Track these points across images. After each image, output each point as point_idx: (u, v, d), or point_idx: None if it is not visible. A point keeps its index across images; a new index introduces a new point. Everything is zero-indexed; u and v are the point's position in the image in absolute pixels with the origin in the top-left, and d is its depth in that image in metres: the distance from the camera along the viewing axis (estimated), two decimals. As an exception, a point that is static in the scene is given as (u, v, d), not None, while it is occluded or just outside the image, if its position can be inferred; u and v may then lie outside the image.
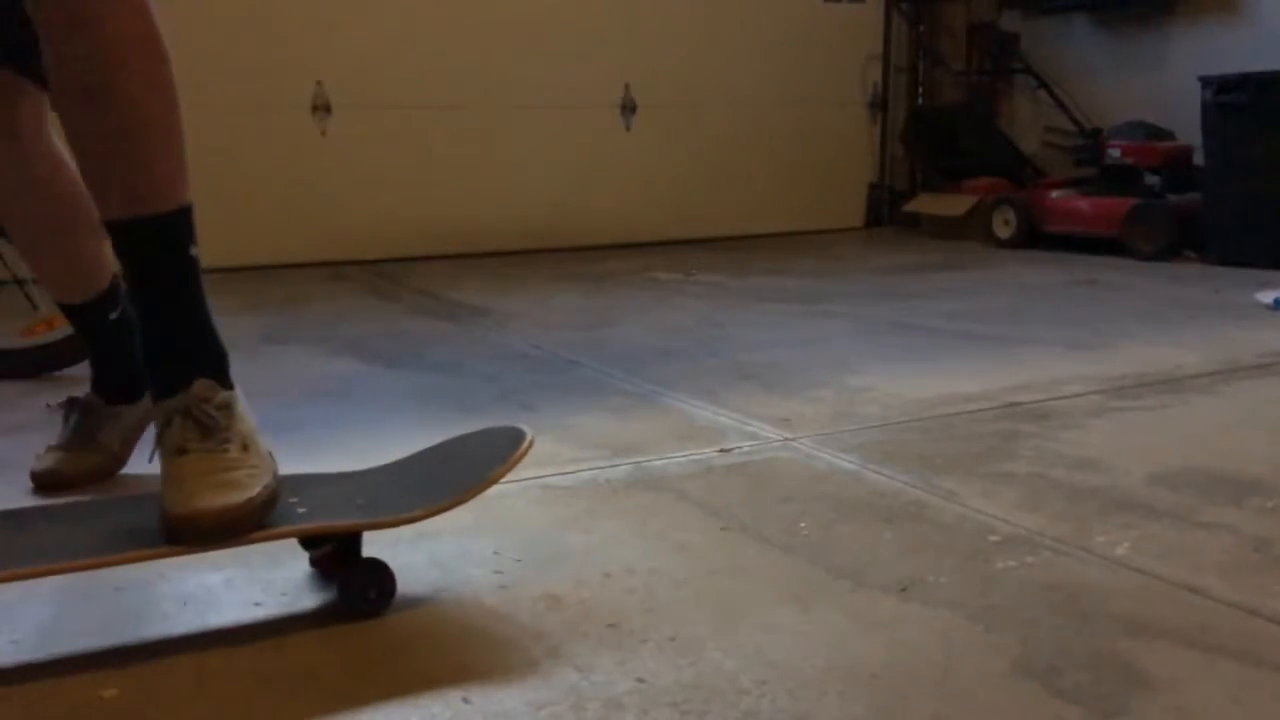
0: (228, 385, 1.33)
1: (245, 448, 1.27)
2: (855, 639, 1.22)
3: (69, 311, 1.87)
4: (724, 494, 1.71)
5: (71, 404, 1.83)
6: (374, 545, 1.49)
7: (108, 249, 1.53)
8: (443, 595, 1.34)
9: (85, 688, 1.13)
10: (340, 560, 1.31)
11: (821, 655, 1.18)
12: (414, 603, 1.32)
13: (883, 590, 1.34)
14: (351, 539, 1.30)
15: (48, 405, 1.82)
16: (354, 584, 1.28)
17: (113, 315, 1.84)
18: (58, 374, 2.56)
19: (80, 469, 1.76)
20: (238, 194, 4.31)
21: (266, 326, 3.21)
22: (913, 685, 1.12)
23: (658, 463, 1.87)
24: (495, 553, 1.47)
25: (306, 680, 1.15)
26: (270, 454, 1.31)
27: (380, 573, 1.29)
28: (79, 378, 2.52)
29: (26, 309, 2.69)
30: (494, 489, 1.73)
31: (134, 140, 1.28)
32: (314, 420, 2.18)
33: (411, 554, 1.48)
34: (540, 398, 2.32)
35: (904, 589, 1.34)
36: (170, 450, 1.25)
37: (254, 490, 1.21)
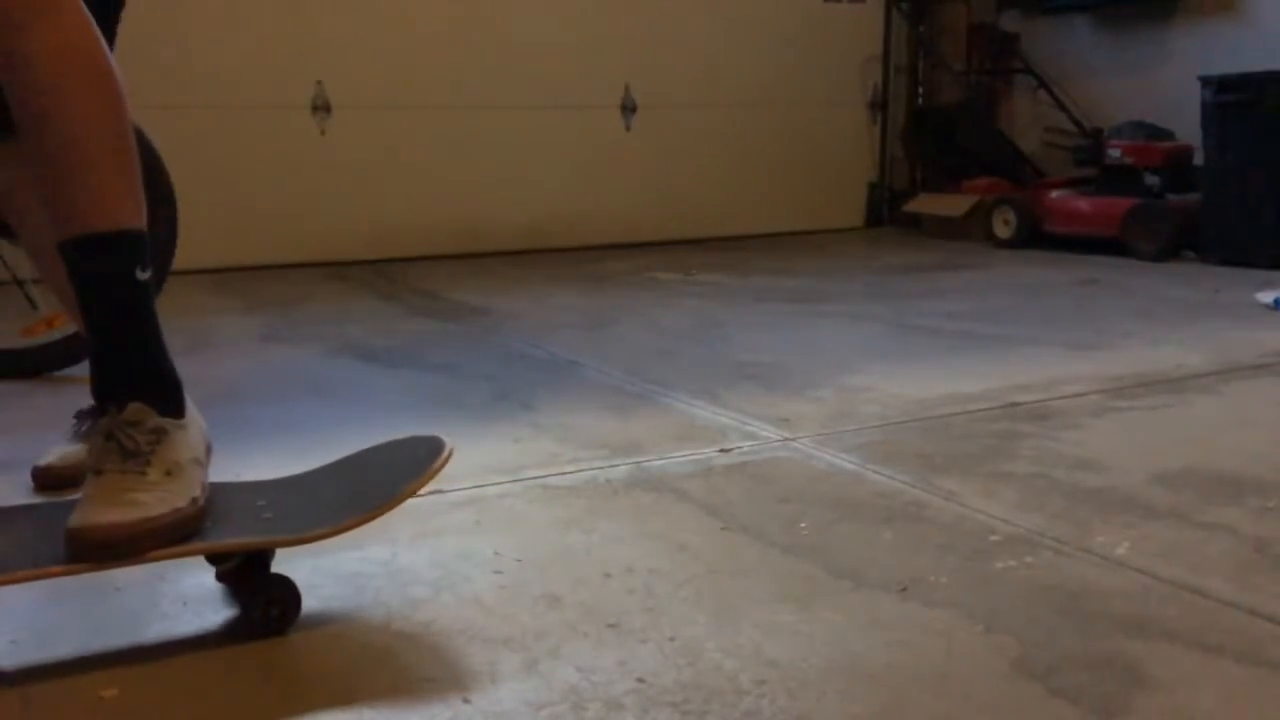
0: (171, 413, 1.31)
1: (168, 473, 1.25)
2: (855, 639, 1.22)
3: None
4: (724, 494, 1.71)
5: (92, 411, 1.83)
6: (374, 545, 1.49)
7: None
8: (443, 595, 1.34)
9: (85, 688, 1.13)
10: (246, 576, 1.27)
11: (821, 655, 1.18)
12: (414, 603, 1.32)
13: (883, 590, 1.34)
14: (258, 555, 1.27)
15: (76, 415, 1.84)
16: (255, 602, 1.25)
17: None
18: (57, 374, 2.55)
19: (81, 467, 1.76)
20: (238, 194, 4.31)
21: (266, 326, 3.21)
22: (913, 685, 1.12)
23: (658, 463, 1.87)
24: (495, 553, 1.47)
25: (307, 680, 1.15)
26: (204, 485, 1.30)
27: (283, 590, 1.25)
28: (79, 378, 2.52)
29: (26, 309, 2.69)
30: (494, 489, 1.74)
31: (74, 160, 1.27)
32: (314, 420, 2.18)
33: (411, 554, 1.48)
34: (540, 398, 2.32)
35: (904, 589, 1.34)
36: (90, 468, 1.26)
37: (154, 511, 1.19)
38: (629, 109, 5.20)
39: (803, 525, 1.57)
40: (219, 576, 1.31)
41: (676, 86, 5.25)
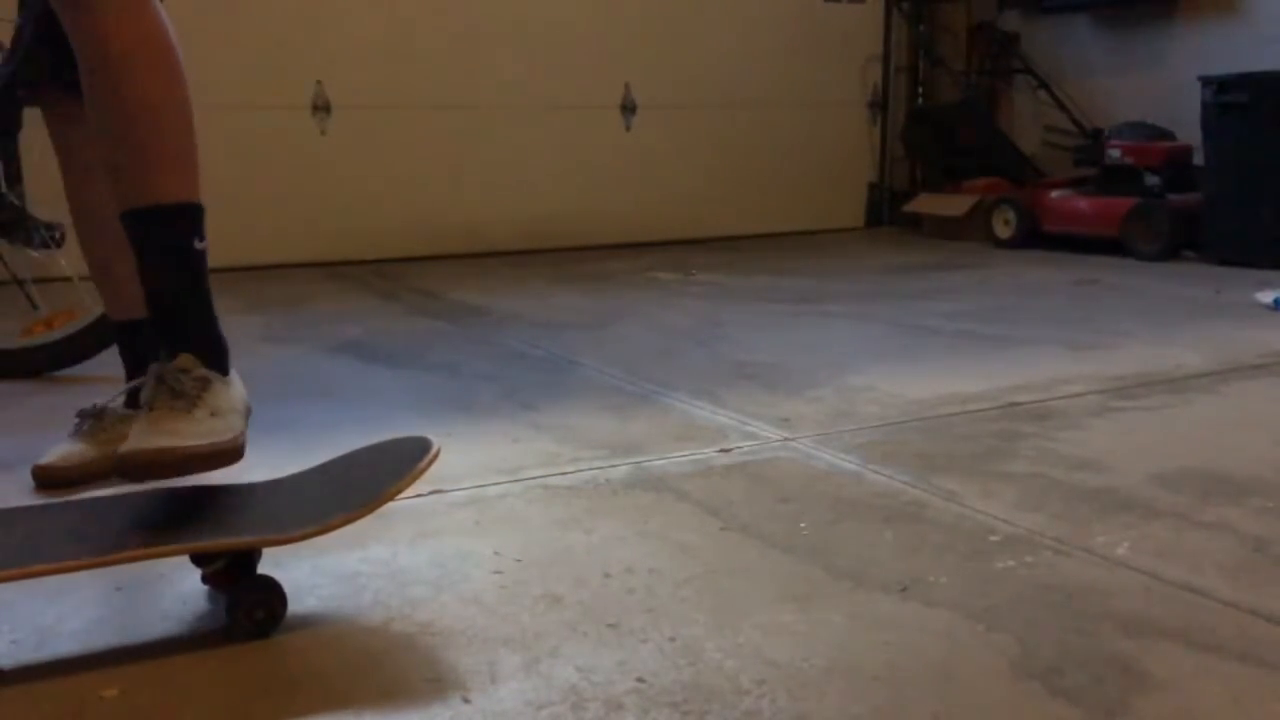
0: (217, 369, 1.43)
1: (212, 415, 1.38)
2: (855, 639, 1.22)
3: (125, 330, 1.89)
4: (724, 494, 1.71)
5: (93, 410, 1.85)
6: (374, 545, 1.50)
7: None
8: (443, 595, 1.34)
9: (85, 688, 1.13)
10: (232, 578, 1.27)
11: (821, 655, 1.18)
12: (414, 603, 1.32)
13: (883, 590, 1.34)
14: (244, 556, 1.27)
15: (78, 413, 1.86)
16: (240, 603, 1.24)
17: None
18: (57, 374, 2.56)
19: (81, 467, 1.76)
20: (238, 194, 4.31)
21: (266, 326, 3.21)
22: (913, 685, 1.12)
23: (658, 463, 1.87)
24: (495, 553, 1.47)
25: (307, 680, 1.15)
26: (244, 432, 1.41)
27: (269, 592, 1.25)
28: (79, 378, 2.52)
29: (26, 309, 2.69)
30: (494, 489, 1.74)
31: (143, 136, 1.40)
32: (314, 420, 2.18)
33: (412, 554, 1.48)
34: (540, 398, 2.32)
35: (904, 589, 1.35)
36: (143, 406, 1.39)
37: (195, 441, 1.32)
38: (629, 109, 5.19)
39: (803, 525, 1.57)
40: (205, 579, 1.31)
41: (676, 86, 5.25)
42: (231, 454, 1.36)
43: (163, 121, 1.41)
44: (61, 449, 1.79)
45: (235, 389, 1.46)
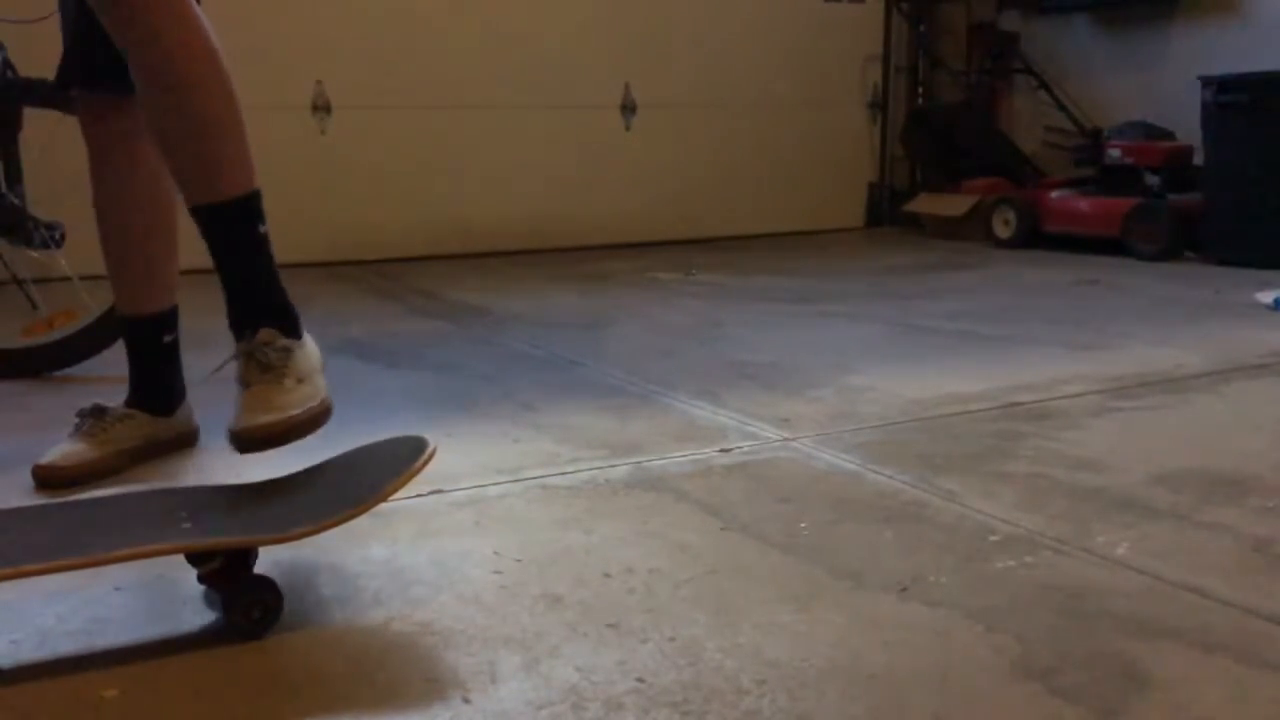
0: (293, 335, 1.61)
1: (300, 381, 1.57)
2: (855, 639, 1.22)
3: (132, 325, 1.93)
4: (724, 494, 1.71)
5: (93, 409, 1.86)
6: (374, 545, 1.50)
7: (174, 273, 1.90)
8: (443, 595, 1.34)
9: (85, 688, 1.13)
10: (228, 577, 1.27)
11: (821, 655, 1.18)
12: (414, 603, 1.32)
13: (883, 590, 1.34)
14: (240, 555, 1.27)
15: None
16: (237, 602, 1.24)
17: (167, 339, 1.94)
18: (57, 374, 2.55)
19: (81, 467, 1.77)
20: (238, 194, 4.31)
21: (266, 326, 3.20)
22: (913, 685, 1.12)
23: (658, 463, 1.87)
24: (495, 553, 1.47)
25: (307, 680, 1.15)
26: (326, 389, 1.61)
27: (265, 591, 1.25)
28: (79, 378, 2.52)
29: (26, 309, 2.69)
30: (494, 489, 1.74)
31: (209, 140, 1.56)
32: (314, 420, 2.18)
33: (412, 554, 1.48)
34: (540, 398, 2.32)
35: (904, 589, 1.34)
36: (240, 383, 1.56)
37: (294, 411, 1.52)
38: (629, 109, 5.19)
39: (803, 525, 1.57)
40: (201, 578, 1.31)
41: (676, 86, 5.25)
42: (323, 415, 1.56)
43: (224, 131, 1.57)
44: (61, 449, 1.79)
45: (311, 349, 1.63)
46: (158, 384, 1.94)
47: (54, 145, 2.59)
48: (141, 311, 1.92)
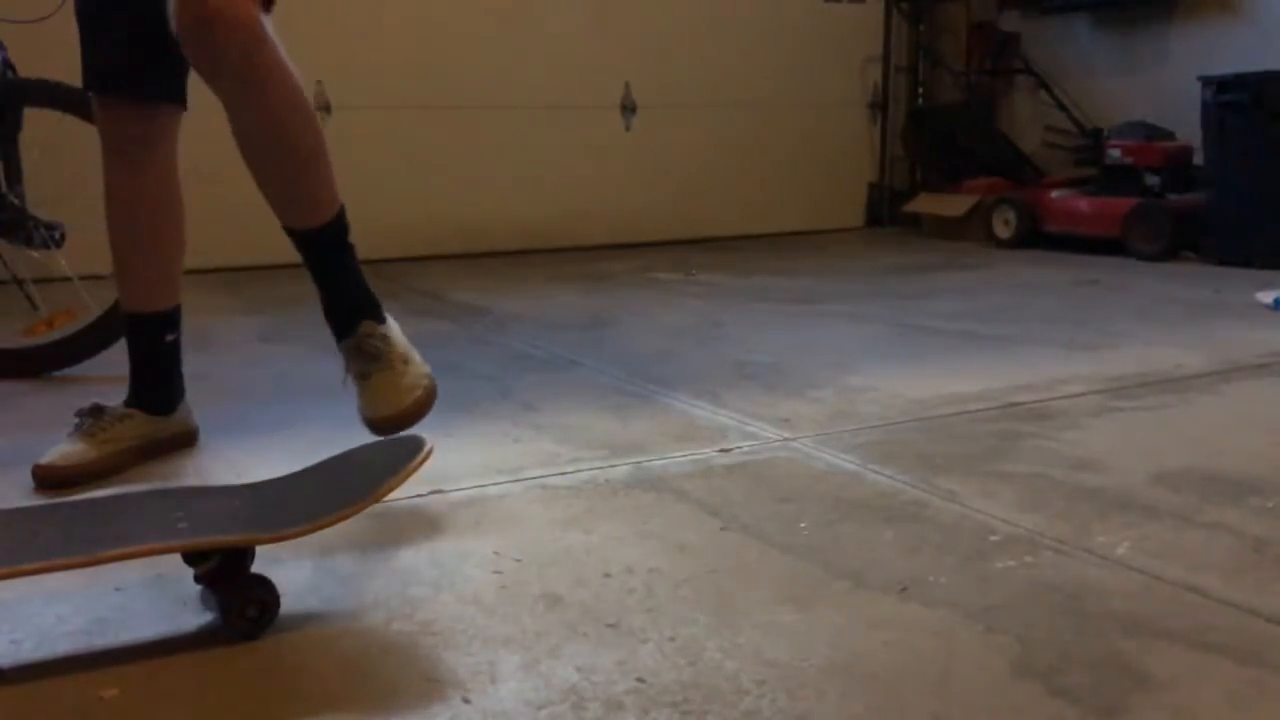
0: (382, 321, 1.77)
1: (405, 361, 1.75)
2: (855, 639, 1.22)
3: (136, 322, 1.94)
4: (724, 494, 1.71)
5: (93, 409, 1.86)
6: (374, 546, 1.50)
7: (180, 273, 1.95)
8: (443, 595, 1.34)
9: (85, 688, 1.13)
10: (224, 577, 1.27)
11: (821, 655, 1.18)
12: (415, 603, 1.32)
13: (883, 590, 1.34)
14: (237, 555, 1.27)
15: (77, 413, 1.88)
16: (233, 602, 1.24)
17: (169, 337, 1.95)
18: (57, 374, 2.55)
19: (81, 467, 1.77)
20: (238, 194, 4.29)
21: (266, 326, 3.20)
22: (913, 685, 1.12)
23: (658, 463, 1.87)
24: (495, 553, 1.47)
25: (307, 680, 1.15)
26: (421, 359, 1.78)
27: (262, 590, 1.25)
28: (79, 378, 2.52)
29: (26, 309, 2.69)
30: (494, 489, 1.74)
31: (302, 175, 1.72)
32: (314, 420, 2.18)
33: (412, 554, 1.48)
34: (540, 398, 2.32)
35: (904, 589, 1.34)
36: (357, 376, 1.75)
37: (418, 390, 1.73)
38: (629, 109, 5.19)
39: (803, 525, 1.57)
40: (198, 578, 1.31)
41: (676, 86, 5.25)
42: (435, 387, 1.75)
43: (318, 163, 1.73)
44: (61, 449, 1.79)
45: (394, 326, 1.79)
46: (158, 383, 1.94)
47: (54, 145, 2.59)
48: (145, 309, 1.93)
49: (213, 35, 1.60)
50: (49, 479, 1.75)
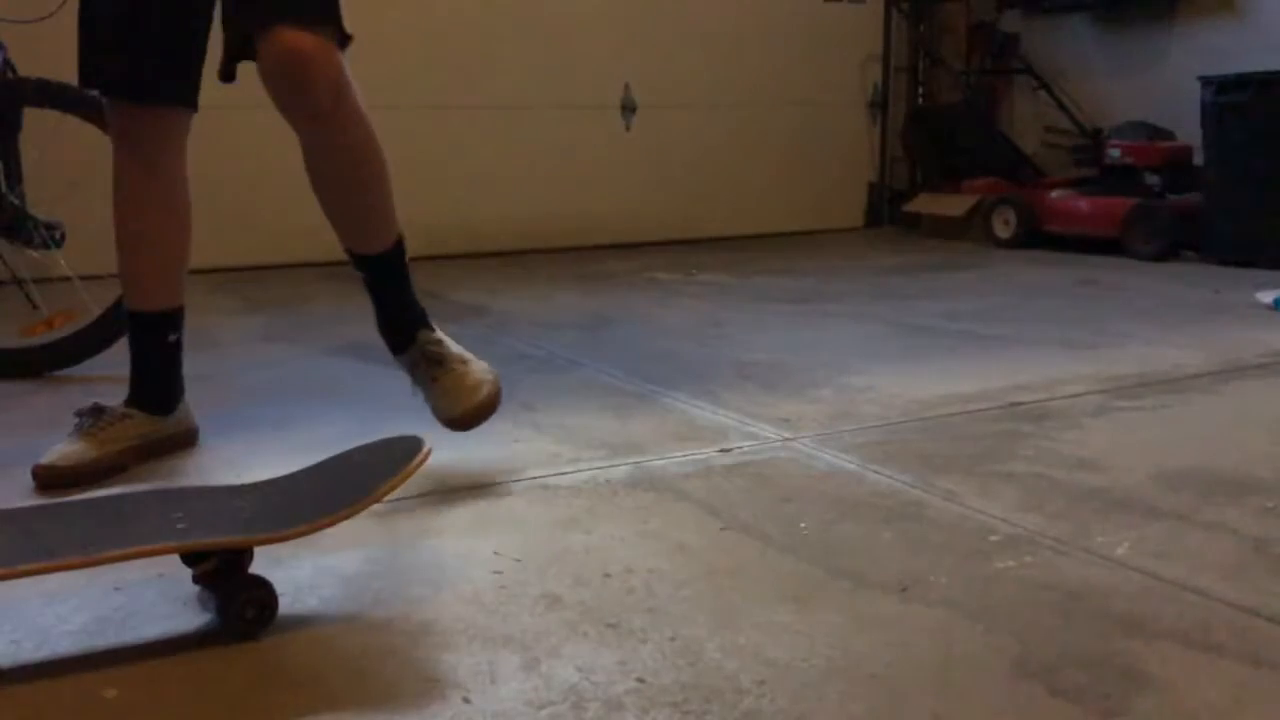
0: (433, 329, 1.91)
1: (464, 360, 1.87)
2: (855, 639, 1.22)
3: (140, 321, 1.94)
4: (724, 494, 1.71)
5: (92, 409, 1.86)
6: (374, 545, 1.50)
7: (184, 274, 1.97)
8: (443, 595, 1.34)
9: (85, 688, 1.13)
10: (223, 577, 1.27)
11: (821, 655, 1.18)
12: (414, 602, 1.32)
13: (883, 590, 1.34)
14: (234, 555, 1.27)
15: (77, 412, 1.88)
16: (231, 603, 1.24)
17: (172, 337, 1.96)
18: (57, 374, 2.55)
19: (81, 467, 1.77)
20: (238, 194, 4.31)
21: (266, 326, 3.21)
22: (913, 685, 1.12)
23: (658, 463, 1.87)
24: (495, 553, 1.47)
25: (308, 680, 1.15)
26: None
27: (260, 591, 1.25)
28: (79, 378, 2.52)
29: (26, 309, 2.69)
30: (494, 489, 1.74)
31: (372, 207, 1.87)
32: (314, 420, 2.18)
33: (412, 554, 1.48)
34: (540, 398, 2.32)
35: (904, 589, 1.35)
36: (426, 380, 1.86)
37: (486, 386, 1.84)
38: (629, 109, 5.19)
39: (803, 525, 1.57)
40: (197, 578, 1.31)
41: (676, 86, 5.24)
42: (499, 380, 1.87)
43: (385, 194, 1.88)
44: (61, 449, 1.79)
45: (441, 331, 1.92)
46: (159, 382, 1.94)
47: (54, 145, 2.59)
48: (149, 308, 1.94)
49: (306, 80, 1.67)
50: (49, 479, 1.75)
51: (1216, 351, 2.69)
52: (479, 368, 1.87)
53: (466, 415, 1.81)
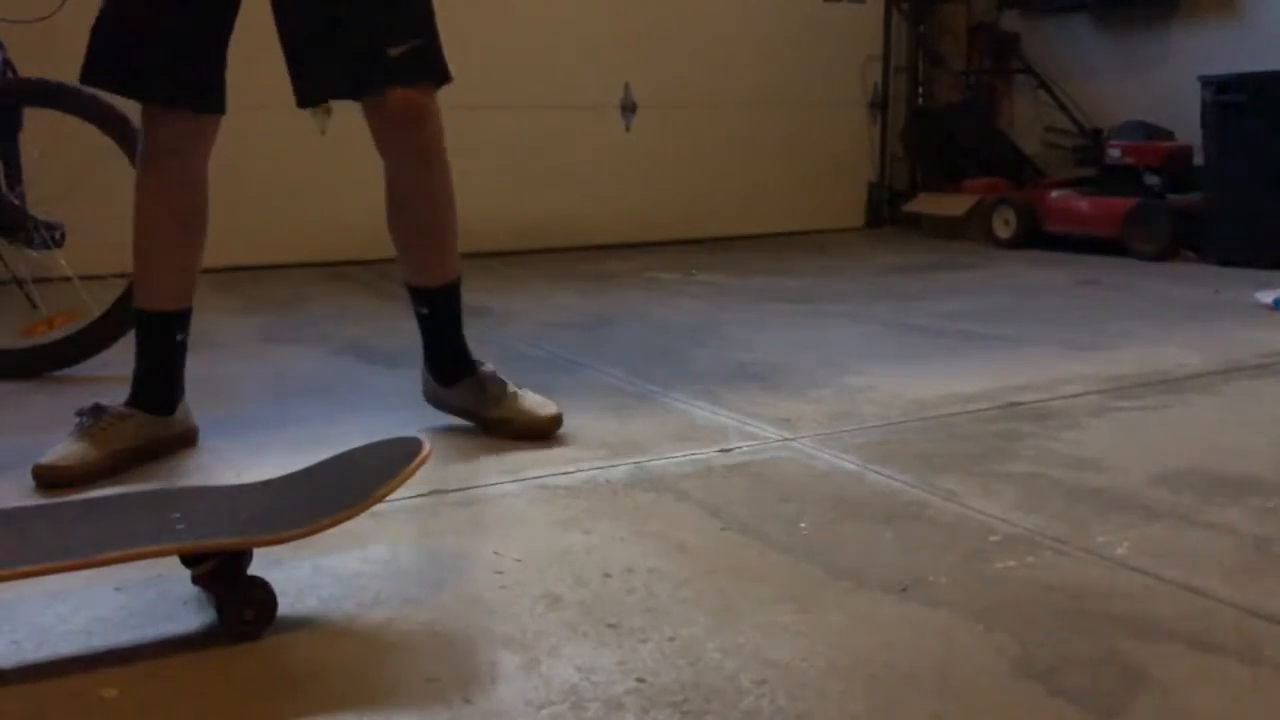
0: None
1: (515, 393, 2.03)
2: (855, 639, 1.22)
3: (150, 321, 1.95)
4: (724, 494, 1.71)
5: (93, 409, 1.86)
6: (374, 545, 1.50)
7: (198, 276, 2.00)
8: (443, 595, 1.34)
9: (85, 688, 1.13)
10: (221, 578, 1.27)
11: (821, 655, 1.18)
12: (415, 602, 1.32)
13: (883, 590, 1.34)
14: (234, 556, 1.27)
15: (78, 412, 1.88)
16: (230, 604, 1.24)
17: (179, 337, 1.97)
18: (57, 374, 2.55)
19: (81, 467, 1.77)
20: (238, 194, 4.29)
21: (267, 326, 3.21)
22: (913, 685, 1.12)
23: (658, 463, 1.87)
24: (495, 553, 1.47)
25: (308, 680, 1.15)
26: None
27: (259, 592, 1.25)
28: (79, 378, 2.52)
29: (26, 309, 2.69)
30: (494, 489, 1.74)
31: (442, 244, 2.02)
32: (314, 420, 2.18)
33: (412, 554, 1.48)
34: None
35: (904, 589, 1.35)
36: (497, 398, 2.01)
37: (552, 402, 2.03)
38: (629, 109, 5.19)
39: (803, 525, 1.57)
40: (195, 579, 1.31)
41: (676, 86, 5.24)
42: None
43: (452, 230, 2.03)
44: (61, 449, 1.79)
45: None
46: (161, 382, 1.94)
47: (54, 145, 2.60)
48: (162, 308, 1.95)
49: (421, 127, 2.00)
50: (49, 479, 1.75)
51: (1216, 351, 2.69)
52: (536, 397, 2.04)
53: (554, 418, 1.99)
